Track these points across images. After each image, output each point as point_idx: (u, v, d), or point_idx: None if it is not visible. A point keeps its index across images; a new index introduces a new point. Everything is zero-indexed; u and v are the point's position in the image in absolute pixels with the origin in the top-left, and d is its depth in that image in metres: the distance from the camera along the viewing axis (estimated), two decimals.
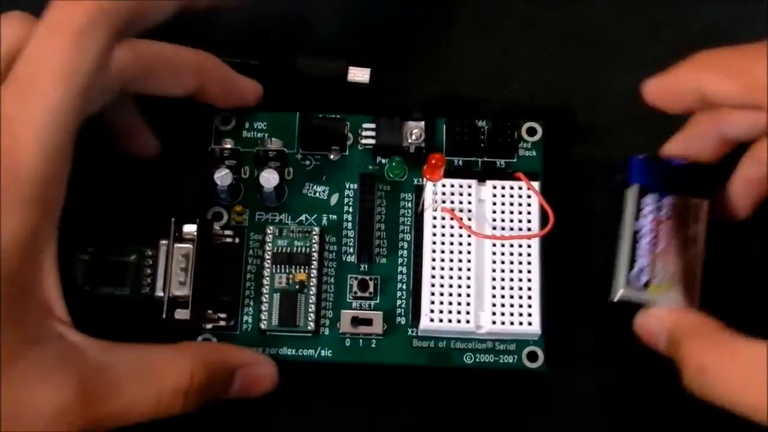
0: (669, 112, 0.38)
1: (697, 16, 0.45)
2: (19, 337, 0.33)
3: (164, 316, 0.39)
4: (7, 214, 0.32)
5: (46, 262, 0.34)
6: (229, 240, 0.41)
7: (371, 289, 0.40)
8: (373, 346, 0.40)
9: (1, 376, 0.32)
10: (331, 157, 0.42)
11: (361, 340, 0.40)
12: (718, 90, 0.36)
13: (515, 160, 0.42)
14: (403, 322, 0.40)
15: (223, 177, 0.40)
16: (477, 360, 0.40)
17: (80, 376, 0.33)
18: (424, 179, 0.40)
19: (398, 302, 0.40)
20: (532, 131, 0.42)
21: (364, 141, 0.42)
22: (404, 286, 0.41)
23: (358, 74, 0.43)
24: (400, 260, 0.41)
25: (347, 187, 0.42)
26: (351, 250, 0.41)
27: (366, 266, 0.41)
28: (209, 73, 0.40)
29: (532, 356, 0.40)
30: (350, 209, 0.42)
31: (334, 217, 0.41)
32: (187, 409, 0.35)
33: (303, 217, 0.41)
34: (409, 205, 0.41)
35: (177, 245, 0.39)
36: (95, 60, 0.34)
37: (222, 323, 0.40)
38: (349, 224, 0.41)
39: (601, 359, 0.41)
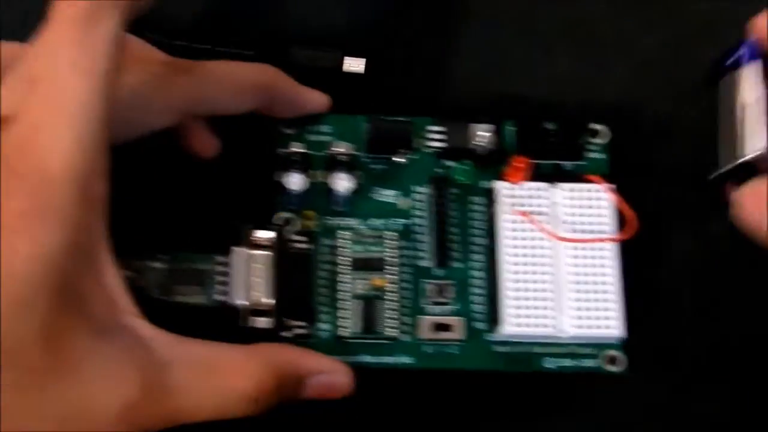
0: None
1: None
2: (84, 334, 0.32)
3: (245, 324, 0.37)
4: (54, 218, 0.31)
5: (101, 257, 0.33)
6: (302, 246, 0.39)
7: (448, 294, 0.40)
8: (452, 351, 0.39)
9: (69, 374, 0.31)
10: (398, 160, 0.41)
11: (440, 346, 0.39)
12: None
13: (583, 162, 0.42)
14: (481, 327, 0.40)
15: (296, 182, 0.39)
16: (557, 364, 0.40)
17: (146, 370, 0.32)
18: (502, 182, 0.39)
19: (475, 307, 0.40)
20: (597, 133, 0.42)
21: (430, 144, 0.41)
22: (481, 291, 0.40)
23: (354, 64, 0.43)
24: (475, 264, 0.40)
25: (416, 190, 0.41)
26: (425, 254, 0.40)
27: (441, 271, 0.40)
28: (274, 89, 0.40)
29: (613, 360, 0.40)
30: (420, 213, 0.41)
31: (405, 220, 0.41)
32: (252, 413, 0.34)
33: (373, 222, 0.41)
34: (480, 208, 0.41)
35: (253, 252, 0.38)
36: (109, 43, 0.32)
37: (299, 331, 0.39)
38: (420, 228, 0.41)
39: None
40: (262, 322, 0.38)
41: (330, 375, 0.37)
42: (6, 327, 0.30)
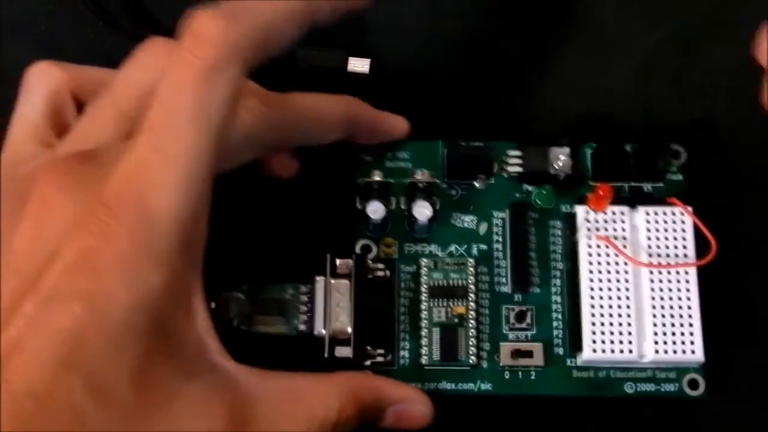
0: None
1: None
2: (174, 376, 0.32)
3: (327, 353, 0.38)
4: (153, 262, 0.32)
5: (195, 300, 0.34)
6: (381, 273, 0.40)
7: (528, 320, 0.40)
8: (533, 378, 0.40)
9: (159, 414, 0.32)
10: (477, 185, 0.41)
11: (520, 372, 0.40)
12: None
13: (662, 184, 0.41)
14: (561, 353, 0.40)
15: (376, 210, 0.40)
16: (638, 389, 0.40)
17: (232, 405, 0.33)
18: (583, 206, 0.39)
19: (555, 332, 0.40)
20: (676, 154, 0.42)
21: (510, 168, 0.41)
22: (560, 316, 0.40)
23: (358, 65, 0.43)
24: (554, 289, 0.40)
25: (495, 215, 0.41)
26: (504, 280, 0.40)
27: (520, 296, 0.40)
28: (358, 118, 0.40)
29: (694, 384, 0.40)
30: (500, 238, 0.41)
31: (484, 246, 0.41)
32: None
33: (453, 248, 0.41)
34: (559, 233, 0.41)
35: (334, 281, 0.39)
36: (228, 96, 0.33)
37: (380, 359, 0.39)
38: (500, 254, 0.41)
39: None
40: (344, 351, 0.38)
41: (410, 404, 0.37)
42: (99, 368, 0.31)
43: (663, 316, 0.39)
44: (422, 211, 0.40)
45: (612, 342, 0.39)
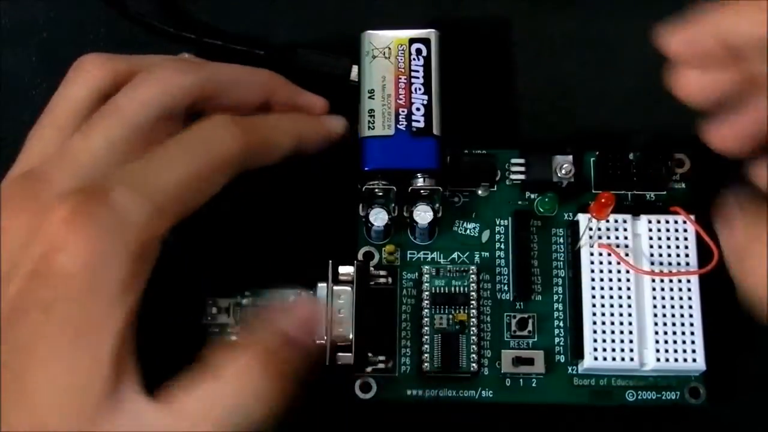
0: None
1: None
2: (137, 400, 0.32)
3: (327, 361, 0.38)
4: (113, 300, 0.32)
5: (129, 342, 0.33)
6: (383, 280, 0.40)
7: (530, 328, 0.40)
8: (533, 385, 0.40)
9: None
10: (480, 193, 0.41)
11: (521, 380, 0.40)
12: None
13: (665, 192, 0.41)
14: (562, 360, 0.40)
15: (378, 217, 0.40)
16: (639, 397, 0.40)
17: None
18: (585, 214, 0.39)
19: (556, 340, 0.40)
20: (679, 162, 0.42)
21: (513, 176, 0.41)
22: (562, 324, 0.40)
23: None
24: (555, 297, 0.40)
25: (497, 223, 0.41)
26: (506, 287, 0.40)
27: (522, 304, 0.40)
28: (275, 86, 0.41)
29: (695, 392, 0.40)
30: (502, 246, 0.41)
31: (486, 254, 0.41)
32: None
33: (455, 255, 0.41)
34: (561, 240, 0.41)
35: (336, 287, 0.39)
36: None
37: (381, 365, 0.39)
38: (502, 261, 0.41)
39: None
40: (344, 358, 0.38)
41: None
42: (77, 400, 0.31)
43: (665, 324, 0.39)
44: (423, 214, 0.40)
45: (613, 350, 0.39)
